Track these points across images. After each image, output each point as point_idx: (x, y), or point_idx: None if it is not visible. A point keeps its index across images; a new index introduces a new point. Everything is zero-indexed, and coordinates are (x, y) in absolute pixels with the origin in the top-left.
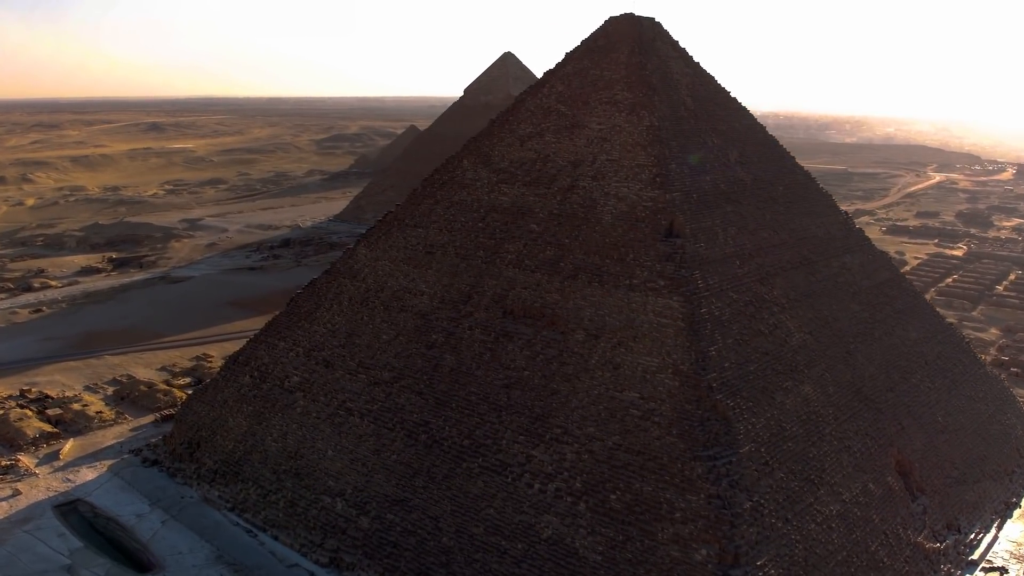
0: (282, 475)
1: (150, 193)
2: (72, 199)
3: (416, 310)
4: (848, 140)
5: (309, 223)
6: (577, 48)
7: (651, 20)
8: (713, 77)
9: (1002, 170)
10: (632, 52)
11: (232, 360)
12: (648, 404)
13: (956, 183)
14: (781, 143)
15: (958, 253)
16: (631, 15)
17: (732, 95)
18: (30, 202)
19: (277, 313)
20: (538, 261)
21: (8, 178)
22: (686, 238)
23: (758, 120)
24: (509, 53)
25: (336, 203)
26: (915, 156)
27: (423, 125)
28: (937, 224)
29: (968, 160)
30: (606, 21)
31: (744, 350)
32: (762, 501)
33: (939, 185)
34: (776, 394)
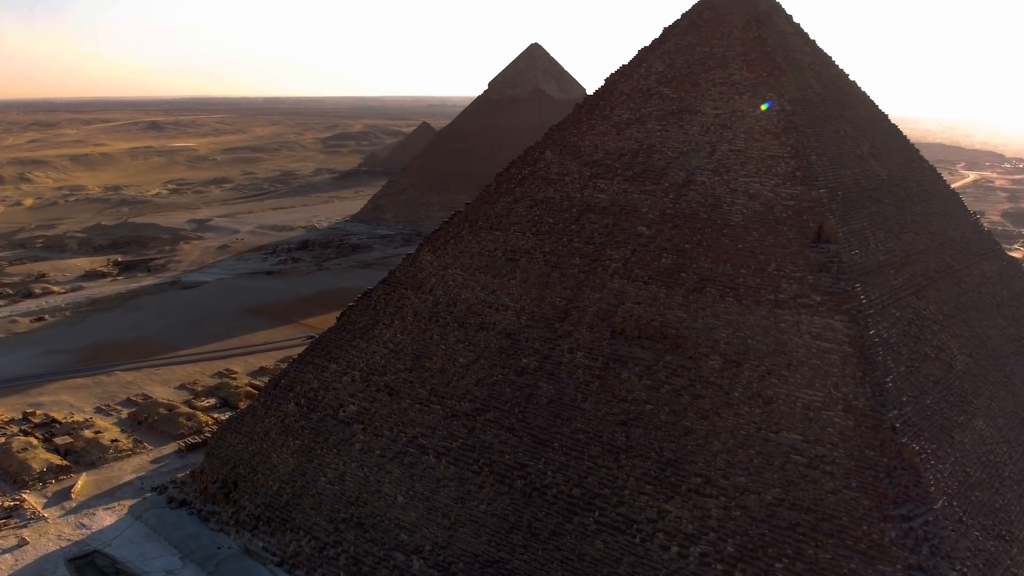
0: (341, 525)
1: (153, 192)
2: (72, 199)
3: (499, 328)
4: None
5: (325, 224)
6: (677, 22)
7: None
8: (831, 58)
9: None
10: (748, 25)
11: (273, 384)
12: (815, 449)
13: (992, 182)
14: None
15: (1017, 255)
16: None
17: (852, 79)
18: (29, 202)
19: (308, 324)
20: (652, 271)
21: (5, 177)
22: (839, 243)
23: None
24: (536, 44)
25: (349, 203)
26: (938, 154)
27: (427, 124)
28: (986, 224)
29: (994, 159)
30: None
31: (916, 379)
32: (965, 570)
33: (976, 184)
34: (954, 432)
